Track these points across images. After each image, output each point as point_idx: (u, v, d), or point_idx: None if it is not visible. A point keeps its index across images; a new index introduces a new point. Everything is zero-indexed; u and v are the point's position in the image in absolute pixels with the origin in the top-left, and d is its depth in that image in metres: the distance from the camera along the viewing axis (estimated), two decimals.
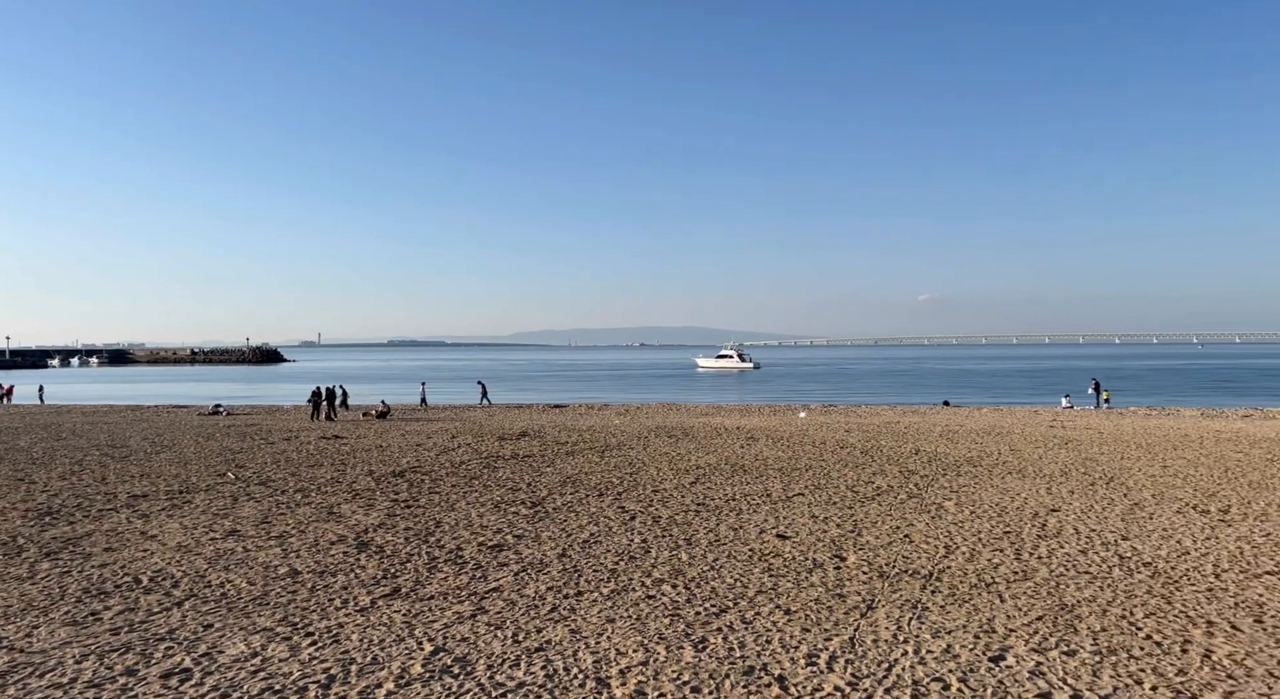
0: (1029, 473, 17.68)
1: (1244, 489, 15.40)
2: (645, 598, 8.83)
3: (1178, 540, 11.35)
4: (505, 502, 14.56)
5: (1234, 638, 7.47)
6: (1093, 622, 7.96)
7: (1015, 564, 10.17)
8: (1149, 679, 6.54)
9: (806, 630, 7.78)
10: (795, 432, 27.24)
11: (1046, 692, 6.33)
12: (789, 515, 13.25)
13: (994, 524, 12.50)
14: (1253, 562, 10.19)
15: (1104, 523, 12.53)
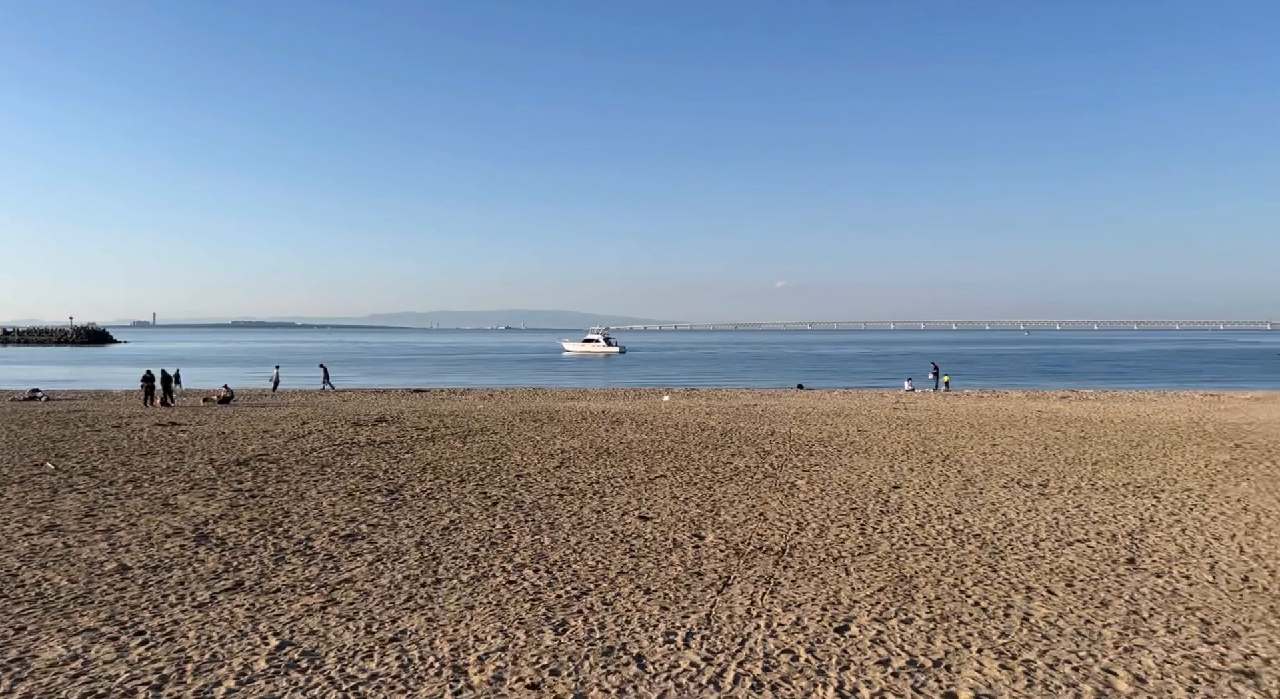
0: (874, 452, 18.69)
1: (1060, 464, 16.87)
2: (506, 583, 8.74)
3: (1003, 513, 12.29)
4: (360, 490, 14.04)
5: (1049, 601, 8.17)
6: (928, 591, 8.51)
7: (860, 538, 10.73)
8: (976, 642, 7.06)
9: (665, 609, 7.93)
10: (659, 415, 27.67)
11: (886, 658, 6.72)
12: (651, 497, 13.45)
13: (842, 501, 13.14)
14: (1066, 531, 11.18)
15: (940, 498, 13.41)
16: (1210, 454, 18.13)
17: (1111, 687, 6.14)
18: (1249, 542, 10.52)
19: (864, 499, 13.31)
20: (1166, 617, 7.67)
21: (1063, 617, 7.69)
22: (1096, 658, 6.68)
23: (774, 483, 14.76)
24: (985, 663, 6.61)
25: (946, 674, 6.40)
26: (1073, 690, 6.07)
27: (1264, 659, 6.64)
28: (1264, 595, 8.34)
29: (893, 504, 12.92)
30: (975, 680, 6.28)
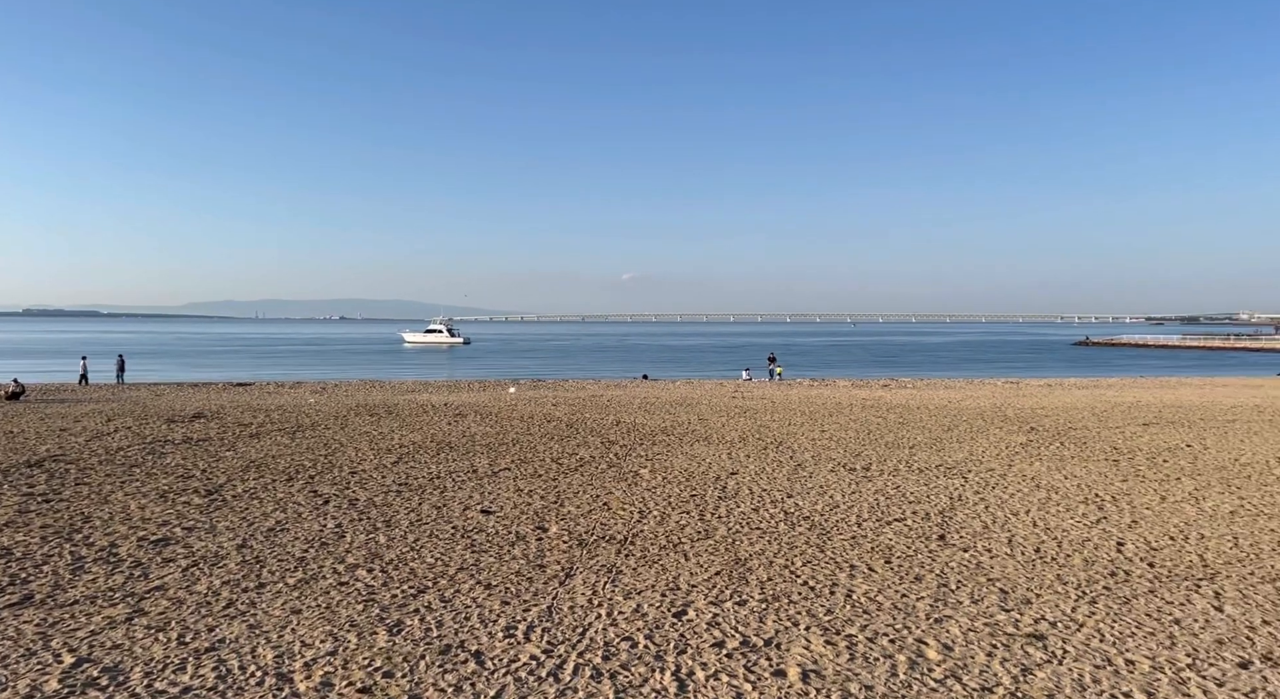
0: (714, 440, 19.27)
1: (881, 448, 18.03)
2: (337, 585, 8.35)
3: (831, 496, 12.99)
4: (174, 491, 13.00)
5: (870, 578, 8.71)
6: (761, 573, 8.86)
7: (699, 524, 11.03)
8: (804, 620, 7.42)
9: (506, 603, 7.83)
10: (504, 407, 27.32)
11: (721, 640, 6.93)
12: (494, 490, 13.25)
13: (682, 488, 13.46)
14: (886, 511, 11.95)
15: (774, 483, 14.00)
16: (1009, 437, 19.91)
17: (923, 655, 6.61)
18: (1041, 516, 11.63)
19: (703, 486, 13.68)
20: (971, 588, 8.36)
21: (882, 592, 8.21)
22: (910, 629, 7.18)
23: (618, 473, 14.92)
24: (812, 640, 6.95)
25: (777, 652, 6.68)
26: (889, 661, 6.49)
27: (1051, 622, 7.36)
28: (1052, 564, 9.25)
29: (730, 490, 13.36)
30: (803, 657, 6.59)
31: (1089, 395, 33.16)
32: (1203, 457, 16.84)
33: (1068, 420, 23.32)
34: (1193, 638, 6.97)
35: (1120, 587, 8.41)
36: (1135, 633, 7.09)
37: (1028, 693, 5.91)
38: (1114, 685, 6.04)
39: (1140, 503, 12.48)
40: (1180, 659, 6.52)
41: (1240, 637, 7.00)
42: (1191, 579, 8.67)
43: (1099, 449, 17.90)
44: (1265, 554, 9.62)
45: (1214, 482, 14.14)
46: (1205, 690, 5.96)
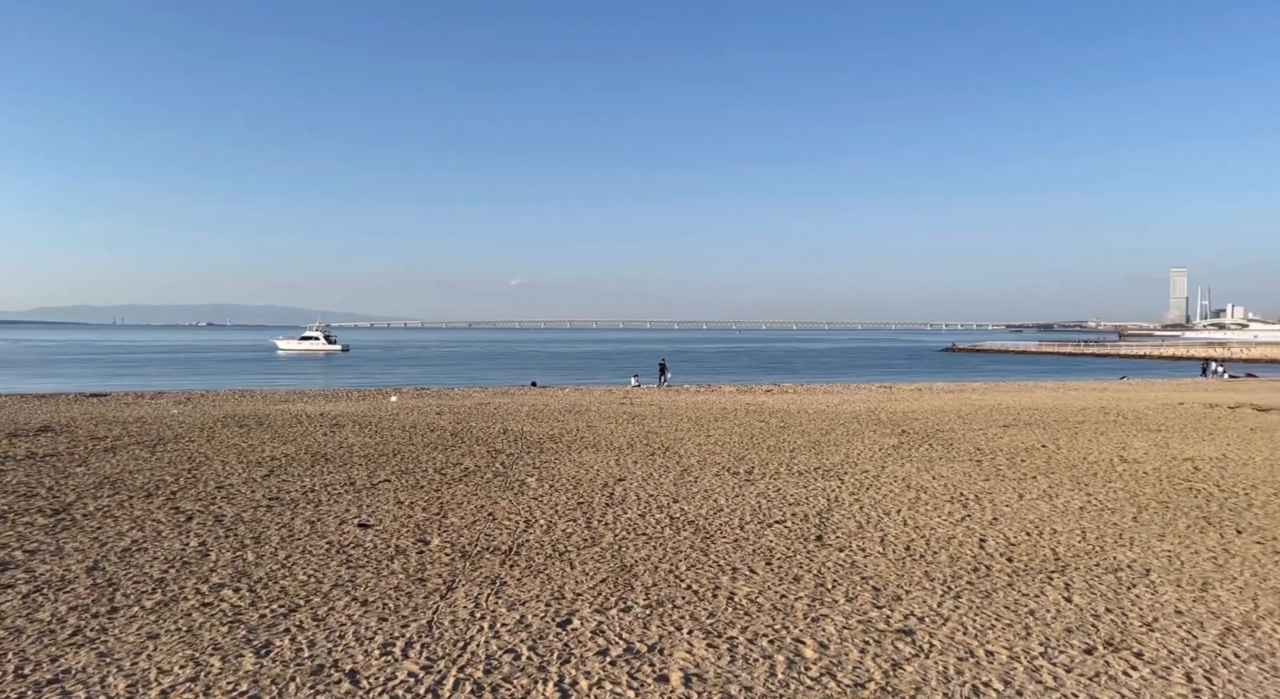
0: (602, 447, 19.29)
1: (764, 452, 18.49)
2: (200, 607, 7.87)
3: (715, 500, 13.21)
4: (14, 511, 11.97)
5: (751, 580, 8.90)
6: (647, 578, 8.90)
7: (586, 532, 11.00)
8: (687, 624, 7.50)
9: (384, 619, 7.57)
10: (385, 416, 26.52)
11: (605, 648, 6.93)
12: (373, 503, 12.82)
13: (570, 496, 13.39)
14: (767, 513, 12.25)
15: (660, 488, 14.13)
16: (883, 439, 20.79)
17: (800, 654, 6.80)
18: (911, 515, 12.18)
19: (591, 493, 13.66)
20: (846, 587, 8.66)
21: (762, 593, 8.40)
22: (789, 629, 7.37)
23: (504, 482, 14.71)
24: (695, 643, 7.03)
25: (660, 657, 6.73)
26: (768, 661, 6.64)
27: (919, 618, 7.71)
28: (921, 562, 9.70)
29: (617, 496, 13.39)
30: (685, 661, 6.66)
31: (955, 399, 35.03)
32: (1056, 456, 18.05)
33: (935, 423, 24.55)
34: (1045, 627, 7.45)
35: (982, 581, 8.90)
36: (995, 625, 7.51)
37: (897, 687, 6.16)
38: (975, 676, 6.37)
39: (1000, 501, 13.26)
40: (1034, 648, 6.95)
41: (1086, 625, 7.52)
42: (1045, 572, 9.26)
43: (964, 450, 18.92)
44: (1109, 547, 10.38)
45: (1065, 480, 15.17)
46: (1055, 676, 6.37)
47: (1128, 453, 18.34)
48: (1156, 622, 7.60)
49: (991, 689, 6.12)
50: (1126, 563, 9.60)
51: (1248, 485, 14.46)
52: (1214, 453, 18.29)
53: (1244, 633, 7.31)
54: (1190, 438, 20.96)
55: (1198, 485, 14.49)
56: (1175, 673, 6.42)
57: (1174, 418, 25.81)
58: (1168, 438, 20.94)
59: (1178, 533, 11.05)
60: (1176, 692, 6.09)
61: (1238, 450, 18.69)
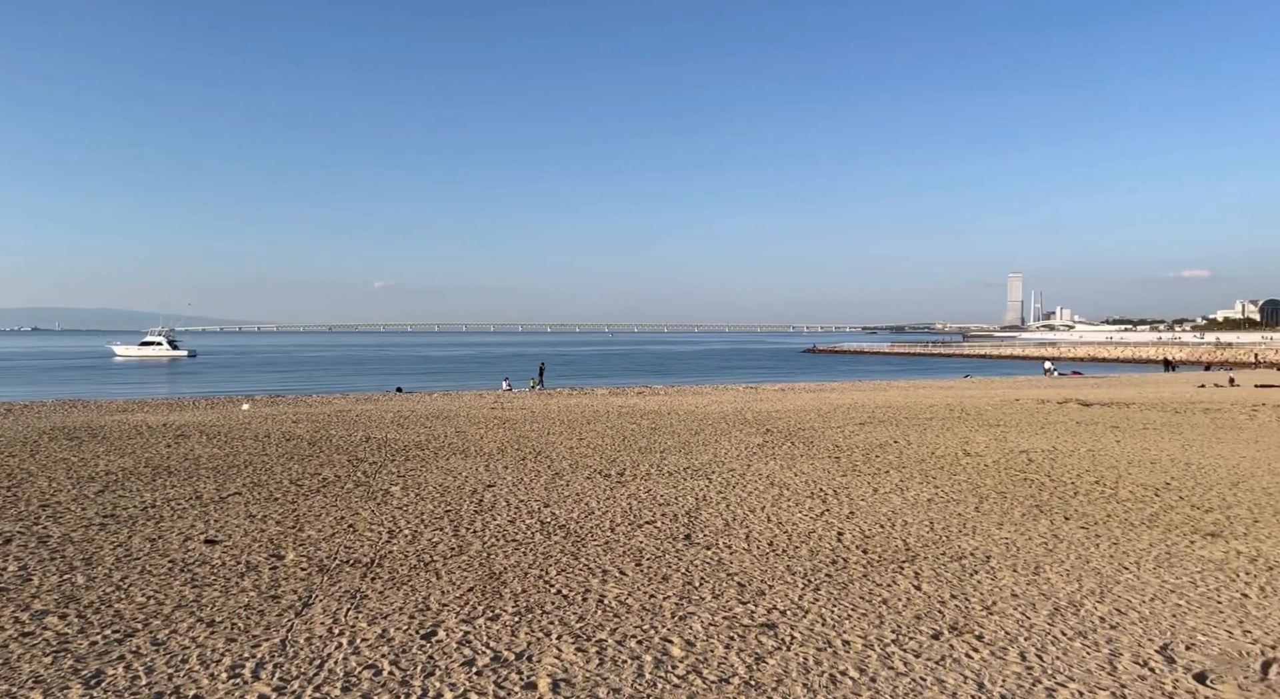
0: (471, 452, 18.92)
1: (635, 454, 18.65)
2: (19, 637, 7.16)
3: (586, 503, 13.20)
4: None
5: (621, 581, 8.93)
6: (516, 585, 8.78)
7: (454, 541, 10.74)
8: (556, 630, 7.44)
9: (233, 640, 7.12)
10: (236, 426, 25.04)
11: (471, 658, 6.77)
12: (221, 518, 12.07)
13: (437, 504, 13.05)
14: (638, 514, 12.35)
15: (531, 493, 13.99)
16: (749, 438, 21.40)
17: (668, 653, 6.87)
18: (774, 512, 12.57)
19: (459, 501, 13.36)
20: (713, 584, 8.83)
21: (631, 595, 8.44)
22: (657, 629, 7.44)
23: (366, 491, 14.17)
24: (564, 648, 6.98)
25: (528, 664, 6.64)
26: (636, 662, 6.68)
27: (781, 611, 7.96)
28: (783, 556, 10.02)
29: (486, 503, 13.15)
30: (554, 666, 6.60)
31: (816, 398, 36.51)
32: (907, 451, 19.09)
33: (798, 421, 25.50)
34: (897, 615, 7.84)
35: (839, 573, 9.28)
36: (851, 615, 7.84)
37: (760, 680, 6.33)
38: (833, 665, 6.63)
39: (857, 495, 13.89)
40: (887, 635, 7.30)
41: (934, 611, 7.97)
42: (897, 562, 9.75)
43: (823, 447, 19.72)
44: (954, 536, 11.06)
45: (915, 473, 16.06)
46: (905, 662, 6.71)
47: (970, 447, 19.63)
48: (995, 605, 8.14)
49: (847, 677, 6.38)
50: (969, 551, 10.25)
51: (1073, 475, 15.75)
52: (1045, 445, 19.83)
53: (1069, 612, 7.94)
54: (1025, 432, 22.65)
55: (1031, 476, 15.66)
56: (1011, 652, 6.89)
57: (1011, 413, 27.83)
58: (1005, 432, 22.56)
59: (1014, 521, 11.90)
60: (1012, 670, 6.54)
61: (1065, 442, 20.34)
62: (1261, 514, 12.21)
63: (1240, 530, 11.22)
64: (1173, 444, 19.94)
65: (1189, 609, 7.97)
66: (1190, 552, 10.13)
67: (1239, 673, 6.40)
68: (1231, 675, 6.35)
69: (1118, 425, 23.96)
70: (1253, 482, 14.86)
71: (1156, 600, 8.24)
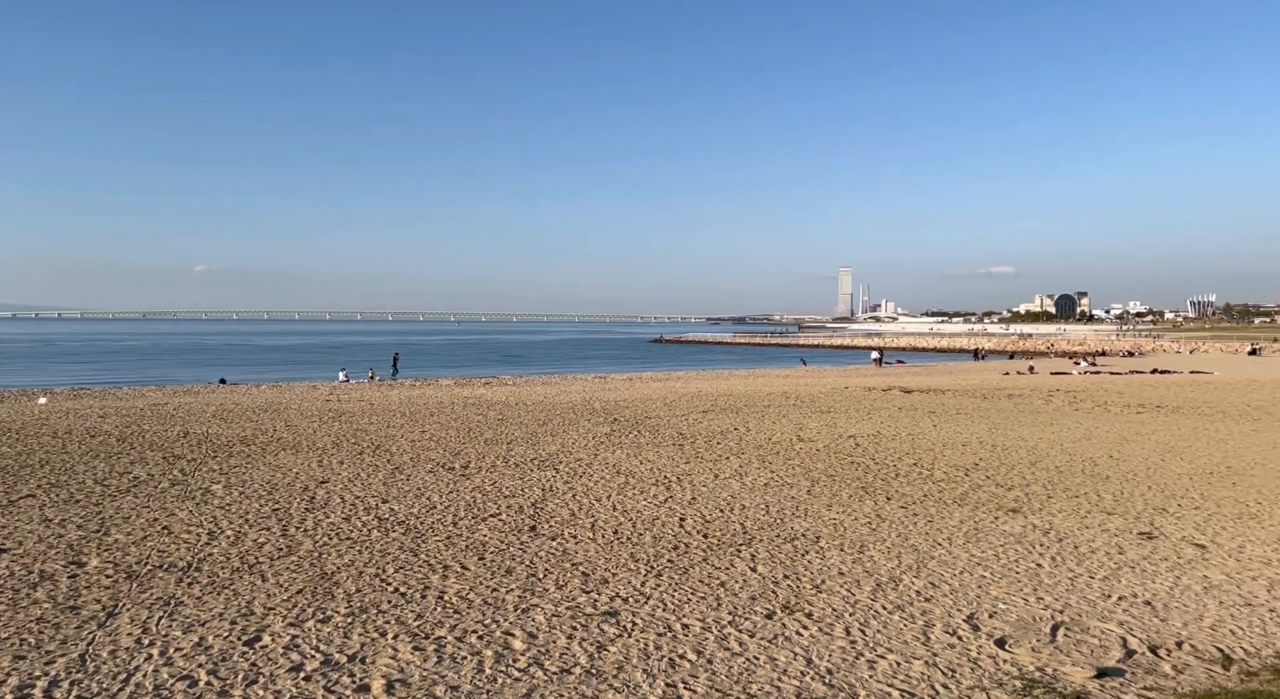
0: (303, 447, 17.97)
1: (481, 446, 18.32)
2: None
3: (428, 497, 12.84)
4: None
5: (463, 577, 8.74)
6: (350, 585, 8.41)
7: (282, 541, 10.16)
8: (393, 629, 7.19)
9: (20, 658, 6.41)
10: (30, 421, 22.62)
11: (299, 663, 6.42)
12: (11, 523, 10.86)
13: (263, 503, 12.31)
14: (482, 507, 12.13)
15: (368, 489, 13.45)
16: (596, 428, 21.52)
17: (509, 647, 6.79)
18: (620, 500, 12.70)
19: (288, 498, 12.65)
20: (557, 575, 8.81)
21: (473, 590, 8.29)
22: (499, 623, 7.34)
23: (184, 491, 13.15)
24: (400, 648, 6.76)
25: (362, 666, 6.38)
26: (476, 658, 6.56)
27: (624, 599, 8.05)
28: (628, 544, 10.14)
29: (319, 500, 12.53)
30: (389, 667, 6.37)
31: (662, 387, 37.23)
32: (746, 437, 19.81)
33: (644, 410, 25.90)
34: (734, 597, 8.11)
35: (680, 558, 9.50)
36: (691, 599, 8.04)
37: (601, 669, 6.37)
38: (672, 649, 6.77)
39: (699, 481, 14.26)
40: (724, 617, 7.53)
41: (768, 591, 8.30)
42: (735, 545, 10.09)
43: (668, 435, 20.14)
44: (788, 518, 11.57)
45: (753, 459, 16.69)
46: (740, 641, 6.96)
47: (804, 433, 20.62)
48: (824, 583, 8.58)
49: (686, 660, 6.53)
50: (801, 532, 10.75)
51: (895, 458, 16.87)
52: (871, 430, 21.13)
53: (890, 587, 8.49)
54: (853, 418, 24.05)
55: (858, 459, 16.64)
56: (838, 628, 7.29)
57: (841, 400, 29.47)
58: (836, 418, 23.86)
59: (842, 503, 12.60)
60: (838, 645, 6.91)
61: (888, 427, 21.76)
62: (1054, 490, 13.53)
63: (1036, 506, 12.39)
64: (981, 427, 21.76)
65: (992, 580, 8.71)
66: (994, 527, 11.08)
67: (1033, 637, 7.05)
68: (1026, 640, 6.99)
69: (934, 411, 25.88)
70: (1048, 461, 16.44)
71: (965, 573, 8.95)
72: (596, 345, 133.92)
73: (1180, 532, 10.74)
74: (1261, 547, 9.96)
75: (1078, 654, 6.64)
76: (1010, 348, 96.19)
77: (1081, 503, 12.54)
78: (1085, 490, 13.48)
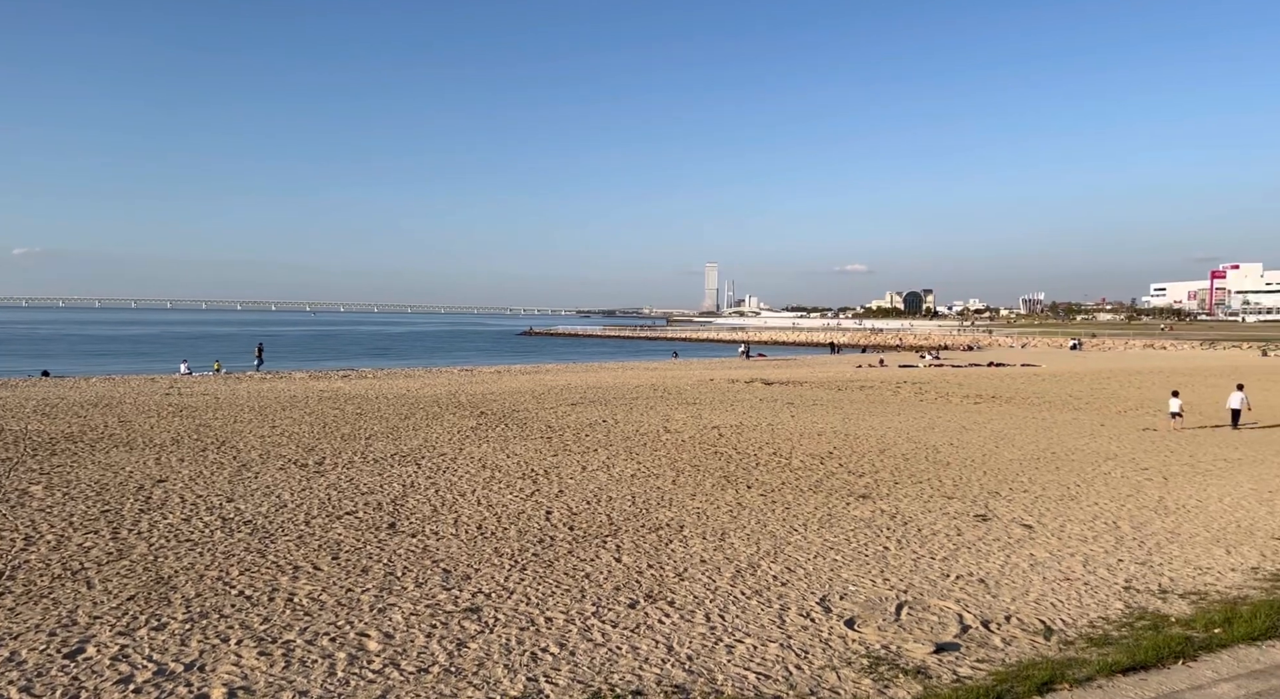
0: (138, 444, 16.69)
1: (337, 441, 17.58)
2: None
3: (278, 495, 12.19)
4: None
5: (315, 577, 8.35)
6: (189, 589, 7.87)
7: (112, 544, 9.39)
8: (236, 634, 6.77)
9: None
10: None
11: (128, 675, 5.95)
12: None
13: (91, 504, 11.34)
14: (338, 505, 11.63)
15: (211, 487, 12.64)
16: (462, 422, 21.09)
17: (364, 648, 6.53)
18: (485, 495, 12.48)
19: (120, 499, 11.72)
20: (417, 572, 8.56)
21: (326, 590, 7.92)
22: (353, 624, 7.05)
23: None
24: (244, 653, 6.37)
25: (200, 675, 5.97)
26: (328, 661, 6.27)
27: (486, 594, 7.91)
28: (492, 539, 9.97)
29: (156, 500, 11.67)
30: (231, 674, 6.00)
31: (531, 380, 36.92)
32: (614, 429, 19.92)
33: (513, 403, 25.60)
34: (598, 588, 8.12)
35: (546, 551, 9.43)
36: (555, 592, 7.99)
37: (460, 666, 6.23)
38: (535, 643, 6.71)
39: (566, 474, 14.22)
40: (588, 608, 7.53)
41: (632, 581, 8.37)
42: (601, 537, 10.12)
43: (537, 428, 19.98)
44: (654, 508, 11.70)
45: (621, 450, 16.80)
46: (603, 632, 6.97)
47: (671, 424, 20.94)
48: (686, 571, 8.73)
49: (548, 654, 6.49)
50: (666, 522, 10.91)
51: (756, 447, 17.40)
52: (734, 421, 21.71)
53: (749, 573, 8.73)
54: (718, 409, 24.63)
55: (721, 449, 17.05)
56: (698, 615, 7.43)
57: (707, 392, 30.13)
58: (701, 410, 24.36)
59: (705, 492, 12.87)
60: (698, 631, 7.04)
61: (750, 418, 22.42)
62: (901, 477, 14.32)
63: (884, 491, 13.07)
64: (835, 417, 22.77)
65: (844, 563, 9.12)
66: (846, 512, 11.60)
67: (879, 616, 7.43)
68: (873, 619, 7.35)
69: (793, 402, 26.88)
70: (895, 449, 17.39)
71: (819, 557, 9.33)
72: (464, 338, 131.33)
73: (1011, 513, 11.59)
74: (1080, 525, 10.88)
75: (919, 631, 7.04)
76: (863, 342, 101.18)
77: (925, 488, 13.33)
78: (928, 476, 14.33)
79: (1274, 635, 6.71)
